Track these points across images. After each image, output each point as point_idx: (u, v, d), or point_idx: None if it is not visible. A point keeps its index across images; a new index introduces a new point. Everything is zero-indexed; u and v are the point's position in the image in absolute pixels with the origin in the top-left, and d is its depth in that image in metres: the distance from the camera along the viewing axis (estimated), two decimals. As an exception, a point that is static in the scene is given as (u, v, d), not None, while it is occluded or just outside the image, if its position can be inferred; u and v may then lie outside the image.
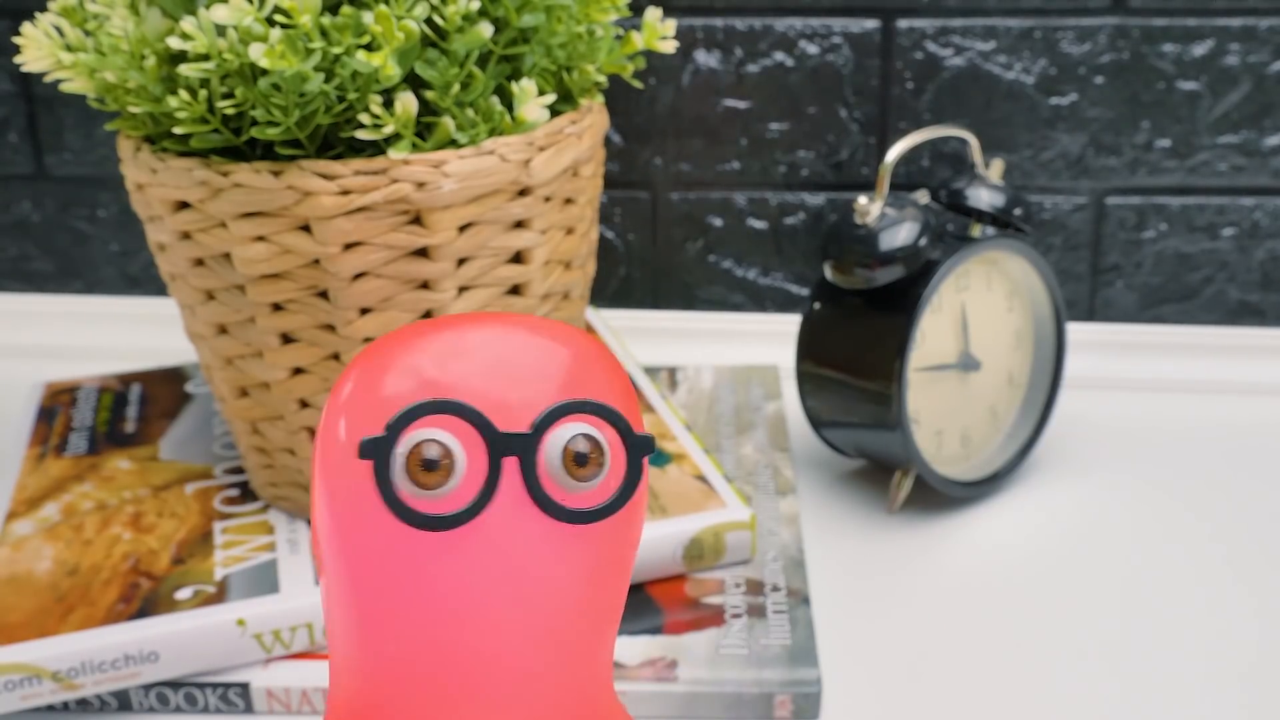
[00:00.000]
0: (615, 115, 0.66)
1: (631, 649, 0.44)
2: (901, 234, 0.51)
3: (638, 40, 0.46)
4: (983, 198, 0.54)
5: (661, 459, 0.52)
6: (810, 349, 0.55)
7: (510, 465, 0.25)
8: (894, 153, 0.52)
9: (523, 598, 0.26)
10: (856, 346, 0.53)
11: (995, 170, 0.56)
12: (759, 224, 0.68)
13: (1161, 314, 0.67)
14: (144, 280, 0.71)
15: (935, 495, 0.55)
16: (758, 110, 0.66)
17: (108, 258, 0.71)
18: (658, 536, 0.47)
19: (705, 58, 0.65)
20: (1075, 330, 0.66)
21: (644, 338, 0.68)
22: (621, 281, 0.70)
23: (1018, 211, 0.54)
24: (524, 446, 0.25)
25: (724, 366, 0.65)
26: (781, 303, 0.70)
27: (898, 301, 0.51)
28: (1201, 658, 0.45)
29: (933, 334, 0.53)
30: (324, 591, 0.26)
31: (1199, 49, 0.62)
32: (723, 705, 0.42)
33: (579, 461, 0.25)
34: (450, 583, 0.25)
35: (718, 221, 0.68)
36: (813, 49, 0.65)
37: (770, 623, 0.45)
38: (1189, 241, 0.66)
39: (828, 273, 0.53)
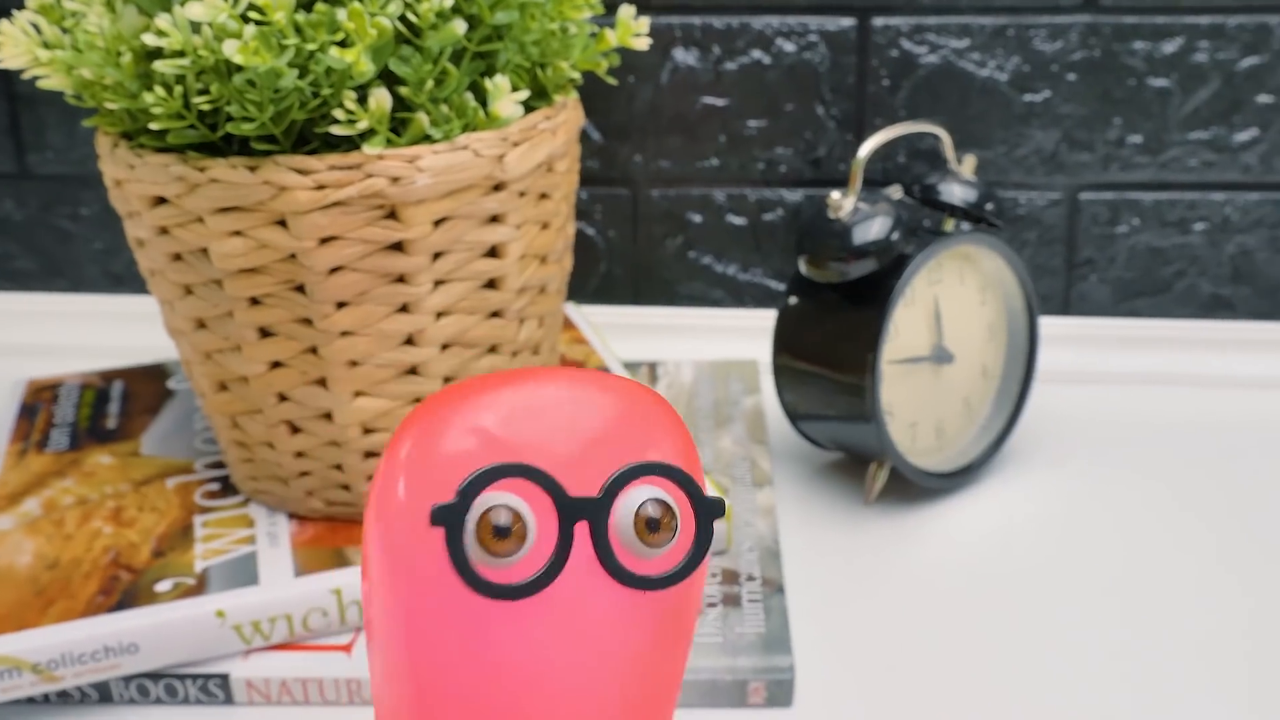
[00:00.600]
0: (595, 113, 0.67)
1: (607, 638, 0.44)
2: (874, 228, 0.51)
3: (611, 38, 0.46)
4: (955, 193, 0.55)
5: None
6: (786, 343, 0.56)
7: (581, 531, 0.24)
8: (866, 148, 0.52)
9: (590, 667, 0.25)
10: (831, 340, 0.54)
11: (968, 166, 0.56)
12: (738, 220, 0.69)
13: (1135, 308, 0.68)
14: (127, 278, 0.72)
15: (910, 486, 0.56)
16: (736, 108, 0.67)
17: (91, 256, 0.71)
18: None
19: (684, 55, 0.66)
20: (1050, 324, 0.66)
21: (625, 333, 0.69)
22: (603, 278, 0.71)
23: (990, 206, 0.55)
24: (595, 511, 0.24)
25: (704, 361, 0.66)
26: (761, 298, 0.70)
27: (870, 295, 0.52)
28: (1172, 644, 0.46)
29: (906, 327, 0.54)
30: (375, 652, 0.25)
31: (1169, 46, 0.63)
32: (698, 692, 0.43)
33: (651, 528, 0.24)
34: (516, 651, 0.24)
35: (697, 218, 0.69)
36: (790, 47, 0.65)
37: (745, 611, 0.46)
38: (1161, 236, 0.67)
39: (802, 267, 0.53)
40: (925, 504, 0.55)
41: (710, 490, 0.26)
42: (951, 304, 0.55)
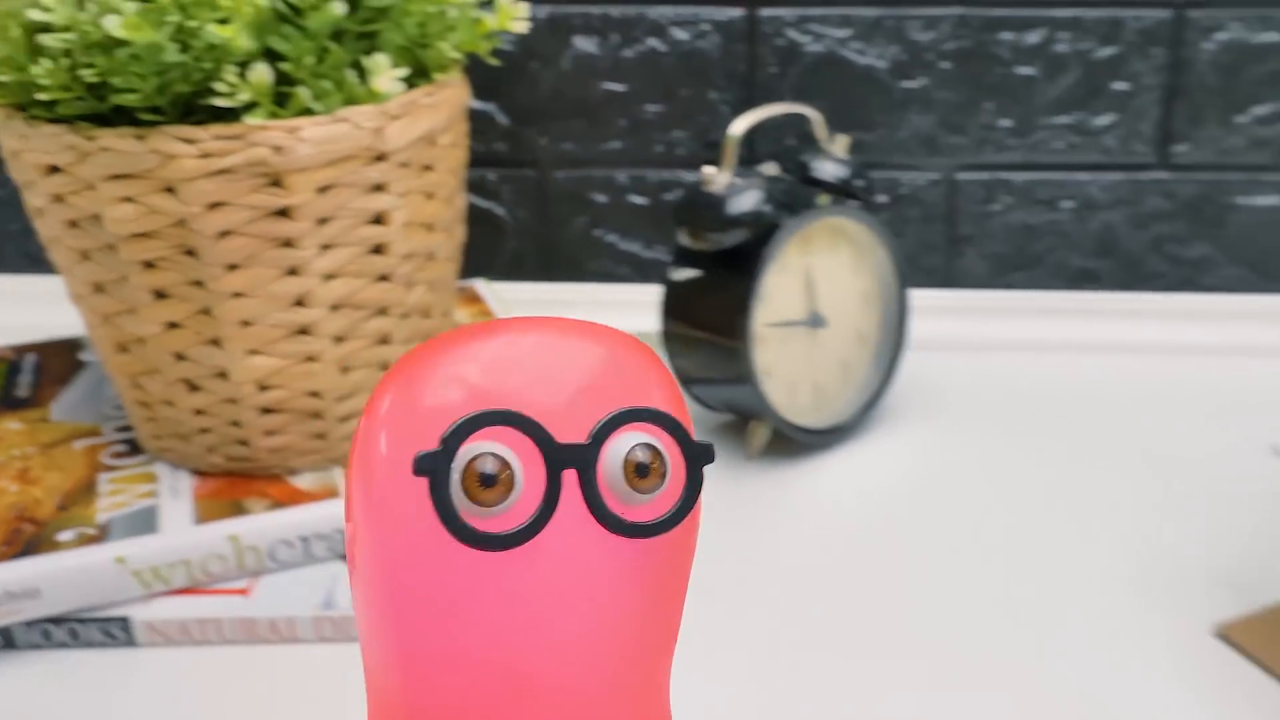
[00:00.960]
0: (501, 97, 0.70)
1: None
2: (746, 200, 0.55)
3: (490, 21, 0.50)
4: (826, 169, 0.59)
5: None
6: (672, 310, 0.59)
7: (569, 478, 0.23)
8: (738, 126, 0.56)
9: (581, 616, 0.24)
10: (711, 306, 0.57)
11: (840, 145, 0.60)
12: (640, 200, 0.72)
13: (1011, 280, 0.72)
14: (45, 259, 0.74)
15: (793, 443, 0.59)
16: (635, 93, 0.70)
17: (7, 236, 0.73)
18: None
19: (583, 43, 0.69)
20: (933, 296, 0.70)
21: (535, 309, 0.71)
22: (512, 255, 0.74)
23: (860, 182, 0.59)
24: (583, 458, 0.23)
25: (604, 335, 0.69)
26: (664, 274, 0.73)
27: (744, 263, 0.56)
28: (1033, 590, 0.49)
29: (780, 293, 0.57)
30: (362, 605, 0.25)
31: (1032, 37, 0.67)
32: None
33: (640, 473, 0.24)
34: (505, 602, 0.24)
35: (601, 198, 0.72)
36: (683, 35, 0.69)
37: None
38: (1032, 214, 0.71)
39: (682, 238, 0.57)
40: (806, 459, 0.59)
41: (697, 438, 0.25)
42: (825, 273, 0.59)
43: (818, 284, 0.59)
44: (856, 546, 0.52)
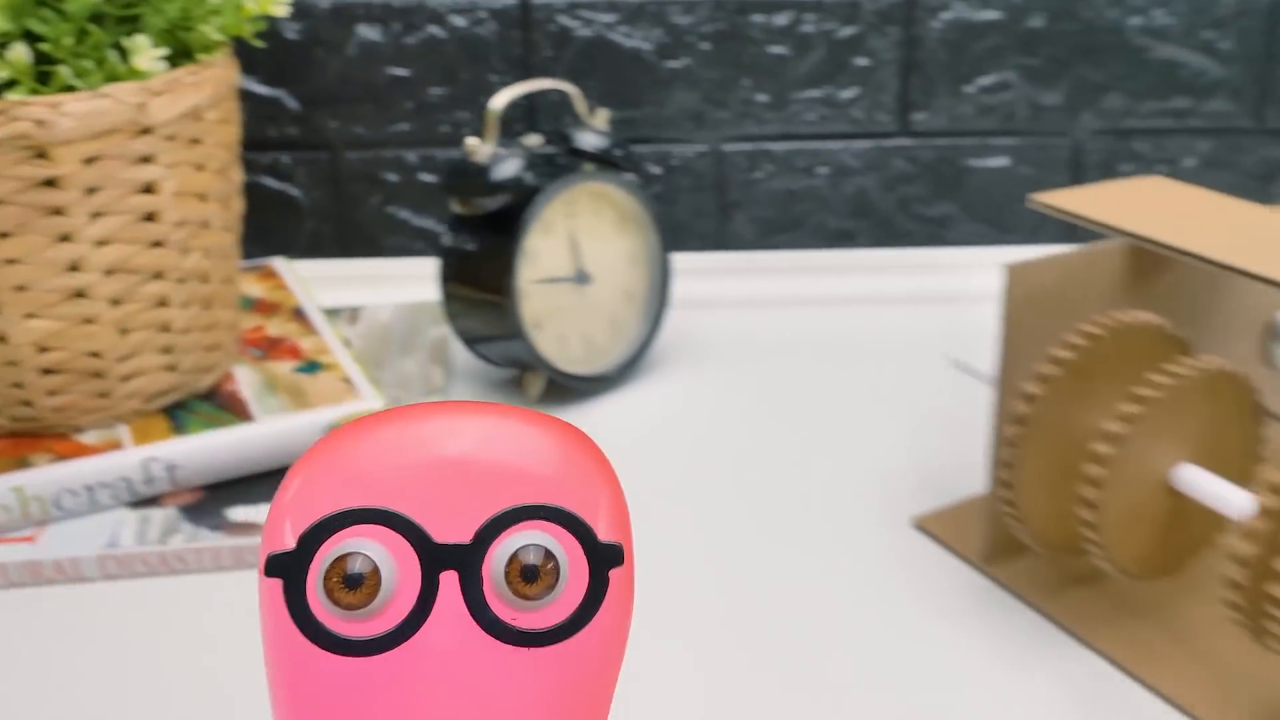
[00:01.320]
0: (291, 83, 0.74)
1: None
2: (508, 168, 0.60)
3: (253, 5, 0.54)
4: (587, 140, 0.64)
5: (314, 368, 0.60)
6: (449, 275, 0.64)
7: (449, 581, 0.22)
8: (498, 101, 0.61)
9: None
10: (482, 268, 0.62)
11: (601, 118, 0.66)
12: (429, 178, 0.77)
13: (776, 242, 0.79)
14: None
15: (569, 390, 0.65)
16: (419, 77, 0.75)
17: None
18: (302, 425, 0.55)
19: (367, 30, 0.74)
20: (706, 258, 0.77)
21: (334, 284, 0.76)
22: (311, 235, 0.78)
23: (619, 152, 0.65)
24: (464, 560, 0.22)
25: (403, 303, 0.74)
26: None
27: (509, 225, 0.61)
28: (775, 504, 0.56)
29: (546, 253, 0.63)
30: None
31: (781, 19, 0.75)
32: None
33: (526, 576, 0.22)
34: (384, 710, 0.22)
35: (393, 177, 0.77)
36: (461, 22, 0.74)
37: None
38: (792, 180, 0.78)
39: (453, 205, 0.62)
40: (580, 405, 0.64)
41: (608, 536, 0.23)
42: (589, 234, 0.65)
43: (582, 244, 0.64)
44: (626, 479, 0.58)
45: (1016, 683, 0.43)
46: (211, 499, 0.52)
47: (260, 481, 0.54)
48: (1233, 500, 0.42)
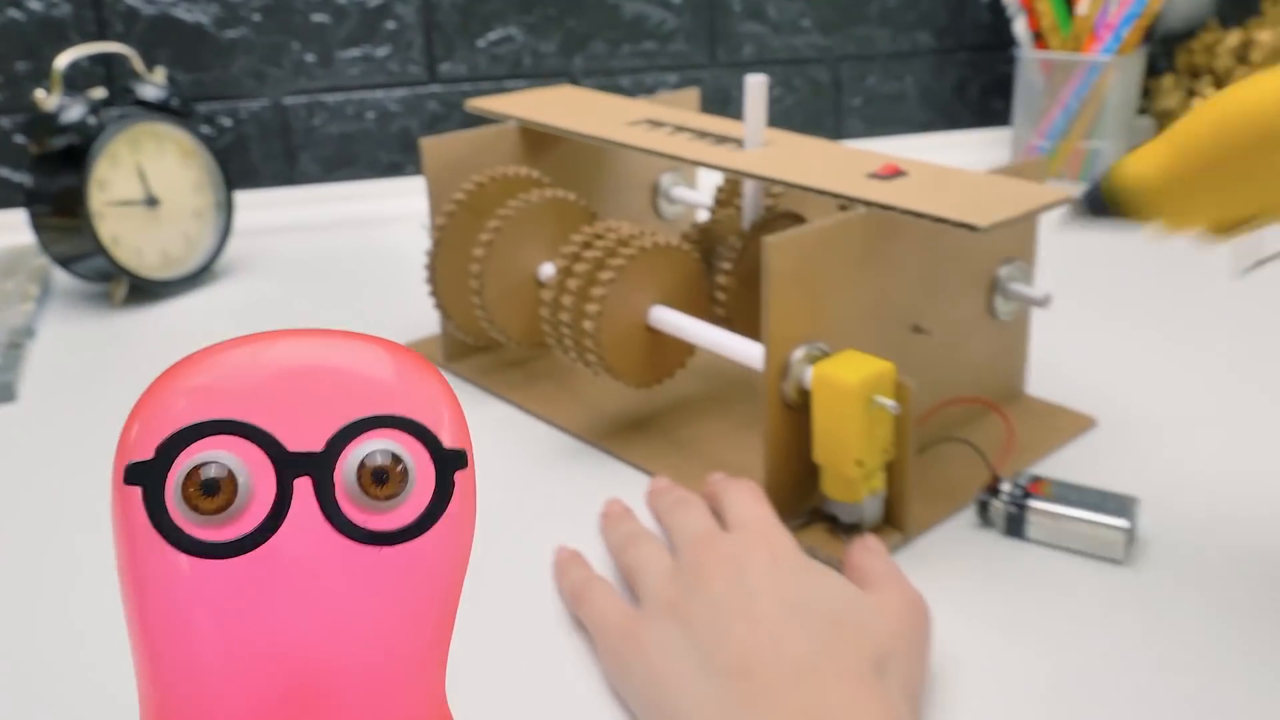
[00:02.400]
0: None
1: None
2: (72, 113, 0.75)
3: None
4: (147, 92, 0.80)
5: (-85, 288, 0.73)
6: (37, 207, 0.78)
7: (304, 487, 0.23)
8: (62, 59, 0.76)
9: (328, 626, 0.24)
10: (61, 197, 0.77)
11: (158, 75, 0.82)
12: (20, 140, 0.90)
13: (339, 175, 0.97)
14: None
15: (152, 294, 0.80)
16: (5, 54, 0.88)
17: None
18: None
19: (-49, 17, 0.86)
20: (279, 192, 0.94)
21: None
22: (-79, 199, 0.89)
23: (174, 101, 0.81)
24: (316, 466, 0.23)
25: (6, 247, 0.86)
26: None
27: (79, 159, 0.76)
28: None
29: (116, 181, 0.78)
30: (125, 618, 0.25)
31: None
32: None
33: (377, 479, 0.23)
34: (247, 611, 0.24)
35: (-7, 143, 0.89)
36: (38, 5, 0.88)
37: (-9, 367, 0.68)
38: (346, 125, 0.96)
39: (31, 149, 0.76)
40: (164, 303, 0.80)
41: (452, 443, 0.25)
42: (154, 167, 0.80)
43: (149, 175, 0.80)
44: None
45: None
46: None
47: None
48: (690, 329, 0.55)
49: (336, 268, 0.86)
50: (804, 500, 0.50)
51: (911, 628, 0.39)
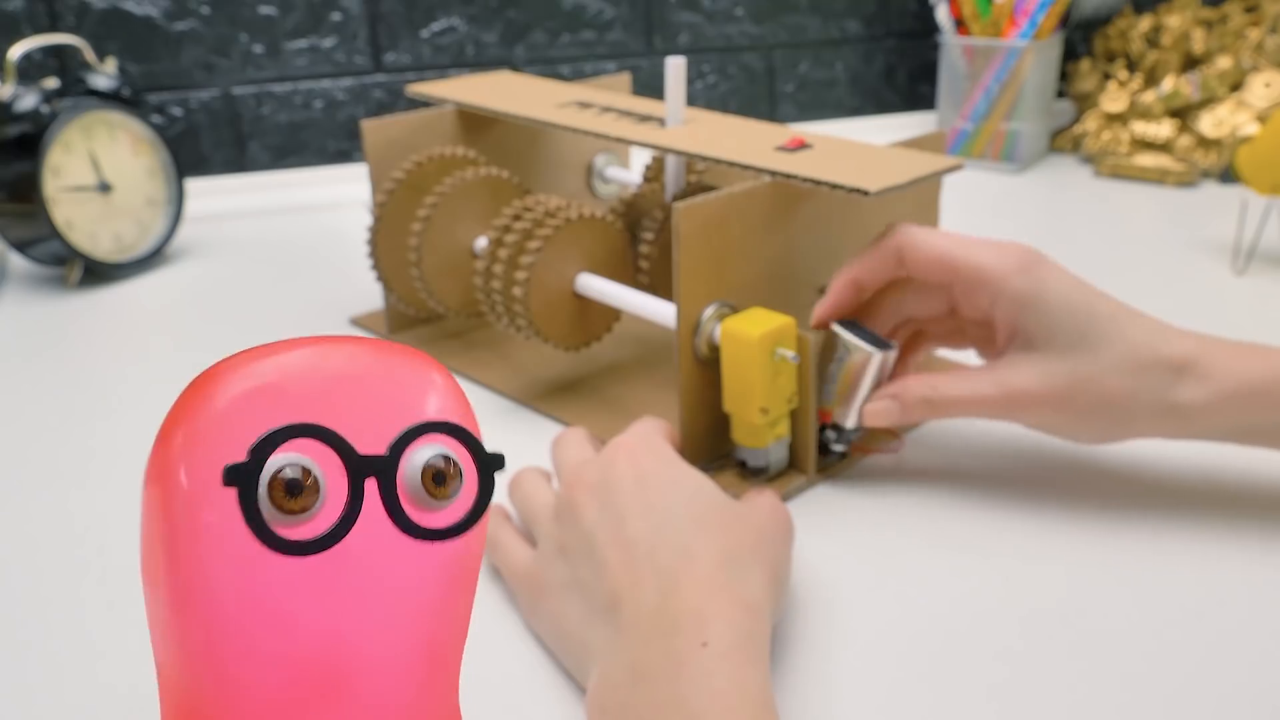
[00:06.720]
0: None
1: None
2: (25, 102, 0.78)
3: None
4: (98, 82, 0.83)
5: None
6: (-8, 194, 0.81)
7: (370, 488, 0.25)
8: (14, 51, 0.79)
9: (385, 615, 0.26)
10: (16, 183, 0.80)
11: (109, 66, 0.85)
12: (-19, 132, 0.92)
13: (287, 162, 1.01)
14: None
15: (105, 275, 0.83)
16: (-41, 48, 0.90)
17: None
18: None
19: (-96, 11, 0.88)
20: (230, 179, 0.97)
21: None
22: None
23: (125, 91, 0.84)
24: (383, 468, 0.25)
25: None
26: None
27: (33, 147, 0.79)
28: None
29: (69, 168, 0.81)
30: (166, 615, 0.25)
31: None
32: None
33: (438, 481, 0.25)
34: (314, 604, 0.25)
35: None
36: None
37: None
38: (294, 114, 0.99)
39: (-16, 136, 0.79)
40: (117, 284, 0.83)
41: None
42: (108, 153, 0.83)
43: (102, 161, 0.83)
44: (163, 336, 0.77)
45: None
46: None
47: None
48: (614, 294, 0.58)
49: (285, 250, 0.89)
50: (717, 447, 0.55)
51: (774, 525, 0.42)
